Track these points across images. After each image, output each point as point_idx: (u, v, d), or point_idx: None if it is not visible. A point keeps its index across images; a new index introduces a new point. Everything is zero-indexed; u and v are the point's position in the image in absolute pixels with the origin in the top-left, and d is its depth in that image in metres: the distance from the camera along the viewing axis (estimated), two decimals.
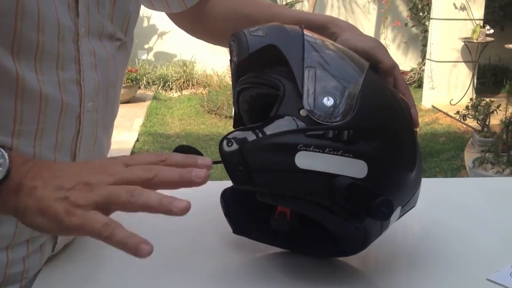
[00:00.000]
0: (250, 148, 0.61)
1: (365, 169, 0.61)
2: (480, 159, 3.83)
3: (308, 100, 0.62)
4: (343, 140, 0.60)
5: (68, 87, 0.65)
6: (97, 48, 0.69)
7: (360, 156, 0.61)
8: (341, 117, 0.61)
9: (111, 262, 0.75)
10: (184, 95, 6.78)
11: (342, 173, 0.61)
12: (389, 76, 0.74)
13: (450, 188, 1.09)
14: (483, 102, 4.44)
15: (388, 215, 0.59)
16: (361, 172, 0.61)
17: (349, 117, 0.62)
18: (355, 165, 0.61)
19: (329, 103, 0.62)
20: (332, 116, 0.61)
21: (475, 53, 6.02)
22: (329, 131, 0.60)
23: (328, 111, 0.61)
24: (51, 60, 0.63)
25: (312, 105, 0.62)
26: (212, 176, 2.86)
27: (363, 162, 0.61)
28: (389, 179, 0.64)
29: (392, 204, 0.59)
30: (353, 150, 0.61)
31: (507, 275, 0.70)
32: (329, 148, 0.60)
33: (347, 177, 0.60)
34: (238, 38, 0.68)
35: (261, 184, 0.61)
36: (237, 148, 0.61)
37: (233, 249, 0.77)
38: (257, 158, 0.61)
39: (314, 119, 0.61)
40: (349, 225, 0.64)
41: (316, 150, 0.60)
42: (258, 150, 0.61)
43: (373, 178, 0.62)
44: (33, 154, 0.63)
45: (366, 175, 0.61)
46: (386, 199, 0.59)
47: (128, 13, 0.74)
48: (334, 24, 0.80)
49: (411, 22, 7.56)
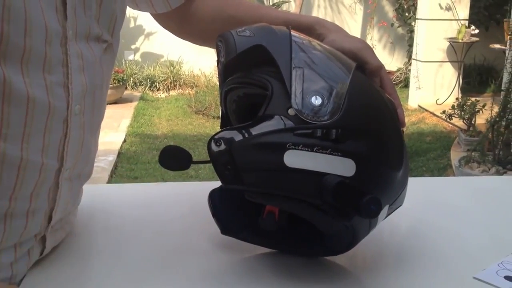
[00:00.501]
0: (238, 148, 0.61)
1: (353, 167, 0.62)
2: (466, 158, 3.87)
3: (296, 99, 0.62)
4: (331, 139, 0.61)
5: (55, 90, 0.64)
6: (84, 50, 0.68)
7: (348, 154, 0.62)
8: (329, 116, 0.62)
9: (98, 265, 0.75)
10: (171, 96, 6.76)
11: (330, 172, 0.61)
12: (375, 77, 0.74)
13: (437, 187, 1.09)
14: (469, 102, 4.49)
15: (376, 213, 0.60)
16: (349, 170, 0.62)
17: (337, 116, 0.62)
18: (343, 163, 0.61)
19: (317, 102, 0.62)
20: (320, 115, 0.62)
21: (461, 53, 6.07)
22: (317, 130, 0.61)
23: (316, 110, 0.62)
24: (38, 63, 0.62)
25: (300, 105, 0.62)
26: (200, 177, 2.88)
27: (351, 161, 0.62)
28: (377, 177, 0.65)
29: (380, 202, 0.60)
30: (341, 149, 0.61)
31: (493, 273, 0.71)
32: (317, 147, 0.60)
33: (336, 176, 0.61)
34: (225, 38, 0.68)
35: (250, 183, 0.61)
36: (225, 147, 0.61)
37: (221, 249, 0.77)
38: (245, 157, 0.61)
39: (302, 118, 0.61)
40: (338, 223, 0.65)
41: (305, 149, 0.60)
42: (247, 149, 0.61)
43: (361, 176, 0.62)
44: (20, 157, 0.63)
45: (354, 173, 0.62)
46: (374, 197, 0.59)
47: (115, 14, 0.74)
48: (320, 25, 0.80)
49: (397, 22, 7.60)
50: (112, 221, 0.87)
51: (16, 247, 0.68)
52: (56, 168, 0.68)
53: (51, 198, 0.69)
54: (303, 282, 0.70)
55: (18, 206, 0.65)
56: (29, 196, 0.66)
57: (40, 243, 0.72)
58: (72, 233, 0.81)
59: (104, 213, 0.90)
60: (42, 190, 0.67)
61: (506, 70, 3.88)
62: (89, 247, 0.80)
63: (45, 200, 0.68)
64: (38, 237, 0.71)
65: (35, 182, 0.65)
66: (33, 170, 0.65)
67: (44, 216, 0.70)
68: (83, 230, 0.83)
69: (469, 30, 6.03)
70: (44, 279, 0.70)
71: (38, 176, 0.65)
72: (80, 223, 0.84)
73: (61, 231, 0.77)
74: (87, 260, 0.76)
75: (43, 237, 0.72)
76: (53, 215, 0.70)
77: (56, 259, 0.74)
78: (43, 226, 0.70)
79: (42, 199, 0.68)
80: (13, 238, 0.67)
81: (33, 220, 0.68)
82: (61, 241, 0.78)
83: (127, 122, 5.52)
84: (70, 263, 0.74)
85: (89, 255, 0.78)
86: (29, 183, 0.65)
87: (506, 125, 3.73)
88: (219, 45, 0.70)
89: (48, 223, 0.71)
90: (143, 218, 0.88)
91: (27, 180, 0.64)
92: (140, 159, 4.50)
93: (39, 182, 0.66)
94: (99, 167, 4.04)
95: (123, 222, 0.87)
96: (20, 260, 0.69)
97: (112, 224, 0.86)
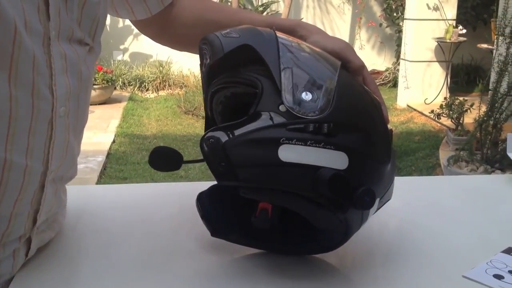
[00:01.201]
0: (232, 144, 0.61)
1: (346, 160, 0.63)
2: (455, 157, 3.89)
3: (287, 95, 0.63)
4: (323, 133, 0.61)
5: (41, 91, 0.64)
6: (68, 51, 0.68)
7: (341, 148, 0.62)
8: (319, 111, 0.63)
9: (87, 267, 0.74)
10: (160, 96, 6.74)
11: (325, 165, 0.61)
12: (358, 75, 0.76)
13: (426, 186, 1.10)
14: (457, 101, 4.51)
15: (370, 204, 0.61)
16: (342, 163, 0.62)
17: (328, 111, 0.63)
18: (336, 156, 0.62)
19: (307, 97, 0.63)
20: (311, 110, 0.62)
21: (448, 52, 6.11)
22: (309, 125, 0.61)
23: (307, 106, 0.63)
24: (27, 63, 0.61)
25: (291, 101, 0.63)
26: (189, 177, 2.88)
27: (344, 154, 0.63)
28: (368, 170, 0.66)
29: (374, 193, 0.61)
30: (334, 142, 0.62)
31: (482, 272, 0.71)
32: (310, 141, 0.61)
33: (331, 168, 0.61)
34: (210, 40, 0.68)
35: (245, 179, 0.62)
36: (219, 144, 0.61)
37: (211, 250, 0.77)
38: (239, 153, 0.61)
39: (294, 113, 0.62)
40: (333, 217, 0.65)
41: (298, 143, 0.61)
42: (241, 145, 0.61)
43: (354, 169, 0.63)
44: (4, 158, 0.62)
45: (347, 166, 0.63)
46: (368, 188, 0.61)
47: (97, 18, 0.73)
48: (302, 27, 0.82)
49: (386, 22, 7.64)
50: (101, 222, 0.87)
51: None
52: (41, 171, 0.67)
53: (36, 200, 0.69)
54: (294, 282, 0.70)
55: (2, 208, 0.64)
56: (13, 199, 0.65)
57: (25, 245, 0.71)
58: (61, 234, 0.80)
59: (93, 214, 0.89)
60: (27, 193, 0.66)
61: (493, 69, 3.91)
62: (78, 248, 0.80)
63: (28, 203, 0.68)
64: (23, 239, 0.70)
65: (20, 185, 0.65)
66: (18, 172, 0.64)
67: (28, 218, 0.69)
68: (71, 232, 0.82)
69: (456, 30, 6.07)
70: (32, 281, 0.69)
71: (22, 178, 0.65)
72: (69, 224, 0.83)
73: (48, 231, 0.76)
74: (76, 261, 0.76)
75: (28, 239, 0.71)
76: (38, 217, 0.70)
77: (44, 260, 0.74)
78: (27, 228, 0.69)
79: (26, 201, 0.67)
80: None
81: (16, 222, 0.67)
82: (49, 243, 0.77)
83: (116, 122, 5.49)
84: (58, 264, 0.73)
85: (78, 256, 0.77)
86: (14, 186, 0.64)
87: (494, 124, 3.76)
88: (203, 47, 0.70)
89: (33, 225, 0.70)
90: (133, 219, 0.88)
91: (11, 183, 0.64)
92: (129, 160, 4.48)
93: (24, 184, 0.65)
94: (88, 168, 4.02)
95: (112, 223, 0.87)
96: (4, 260, 0.68)
97: (101, 225, 0.86)
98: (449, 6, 6.18)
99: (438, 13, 6.17)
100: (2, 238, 0.67)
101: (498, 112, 3.73)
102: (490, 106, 3.77)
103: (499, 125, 3.77)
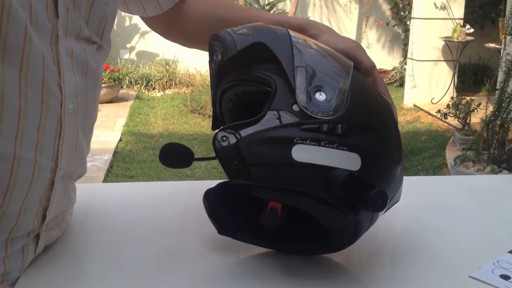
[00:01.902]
0: (245, 142, 0.61)
1: (359, 161, 0.62)
2: (462, 157, 3.88)
3: (301, 95, 0.62)
4: (337, 134, 0.61)
5: (51, 88, 0.64)
6: (75, 49, 0.68)
7: (354, 149, 0.62)
8: (333, 112, 0.62)
9: (94, 265, 0.75)
10: (167, 95, 6.75)
11: (338, 166, 0.61)
12: (368, 76, 0.76)
13: (432, 186, 1.10)
14: (464, 101, 4.49)
15: (383, 206, 0.60)
16: (355, 164, 0.62)
17: (342, 112, 0.63)
18: (349, 157, 0.62)
19: (321, 98, 0.63)
20: (325, 111, 0.62)
21: (456, 52, 6.08)
22: (323, 125, 0.61)
23: (321, 106, 0.62)
24: (37, 60, 0.62)
25: (305, 100, 0.62)
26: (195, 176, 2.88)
27: (356, 155, 0.62)
28: (381, 171, 0.66)
29: (387, 195, 0.60)
30: (347, 143, 0.62)
31: (489, 272, 0.71)
32: (324, 141, 0.61)
33: (344, 170, 0.61)
34: (222, 37, 0.67)
35: (258, 178, 0.61)
36: (232, 142, 0.61)
37: (217, 249, 0.77)
38: (253, 152, 0.61)
39: (308, 113, 0.62)
40: (344, 218, 0.65)
41: (312, 143, 0.61)
42: (254, 144, 0.61)
43: (367, 170, 0.63)
44: (13, 153, 0.62)
45: (360, 167, 0.62)
46: (381, 190, 0.60)
47: (105, 17, 0.73)
48: (312, 26, 0.81)
49: (393, 21, 7.61)
50: (107, 220, 0.87)
51: (7, 242, 0.68)
52: (50, 168, 0.67)
53: (45, 197, 0.69)
54: (301, 281, 0.70)
55: (11, 204, 0.65)
56: (23, 194, 0.65)
57: (34, 241, 0.71)
58: (68, 232, 0.81)
59: (99, 213, 0.90)
60: (37, 189, 0.67)
61: (501, 69, 3.89)
62: (85, 246, 0.80)
63: (38, 199, 0.68)
64: (31, 235, 0.70)
65: (30, 180, 0.65)
66: (27, 167, 0.64)
67: (37, 214, 0.69)
68: (78, 230, 0.83)
69: (464, 29, 6.04)
70: (39, 279, 0.69)
71: (32, 174, 0.65)
72: (76, 222, 0.84)
73: (56, 229, 0.77)
74: (83, 260, 0.76)
75: (37, 235, 0.71)
76: (47, 214, 0.70)
77: (51, 258, 0.74)
78: (36, 224, 0.70)
79: (35, 198, 0.68)
80: (3, 234, 0.67)
81: (24, 218, 0.68)
82: (57, 241, 0.78)
83: (122, 121, 5.51)
84: (65, 262, 0.74)
85: (85, 255, 0.77)
86: (23, 181, 0.65)
87: (501, 124, 3.75)
88: (215, 44, 0.69)
89: (42, 222, 0.71)
90: (139, 218, 0.88)
91: (21, 178, 0.64)
92: (135, 158, 4.49)
93: (33, 180, 0.65)
94: (94, 166, 4.04)
95: (118, 222, 0.87)
96: (12, 255, 0.69)
97: (108, 223, 0.86)
98: (457, 5, 6.15)
99: (445, 12, 6.14)
100: (10, 233, 0.67)
101: (505, 112, 3.71)
102: (497, 106, 3.75)
103: (506, 125, 3.75)
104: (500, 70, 3.95)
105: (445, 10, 6.14)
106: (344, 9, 7.66)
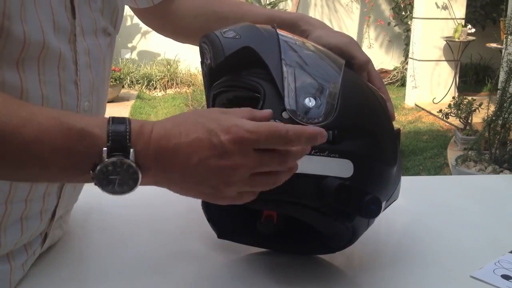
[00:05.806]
0: None
1: (351, 168, 0.61)
2: (463, 157, 3.87)
3: (290, 101, 0.61)
4: (328, 141, 0.59)
5: (67, 87, 0.64)
6: (91, 46, 0.68)
7: (345, 155, 0.61)
8: (323, 117, 0.61)
9: (95, 265, 0.75)
10: (168, 94, 6.75)
11: (329, 174, 0.60)
12: (363, 71, 0.74)
13: (434, 186, 1.10)
14: (465, 101, 4.48)
15: (377, 212, 0.60)
16: (347, 171, 0.61)
17: (332, 117, 0.61)
18: (341, 164, 0.61)
19: (311, 104, 0.62)
20: (315, 117, 0.61)
21: (457, 52, 6.07)
22: None
23: (311, 112, 0.61)
24: (54, 61, 0.62)
25: (294, 107, 0.61)
26: None
27: (349, 161, 0.61)
28: (374, 175, 0.65)
29: (380, 201, 0.60)
30: (338, 150, 0.61)
31: (490, 272, 0.71)
32: (314, 150, 0.60)
33: (336, 178, 0.60)
34: (210, 40, 0.66)
35: None
36: None
37: (217, 249, 0.77)
38: None
39: (297, 120, 0.60)
40: (340, 225, 0.64)
41: None
42: None
43: (360, 176, 0.62)
44: None
45: (352, 174, 0.61)
46: (374, 196, 0.59)
47: (117, 6, 0.74)
48: (304, 21, 0.80)
49: (394, 21, 7.60)
50: (108, 220, 0.87)
51: (26, 247, 0.68)
52: None
53: (57, 195, 0.70)
54: (300, 282, 0.70)
55: (33, 207, 0.65)
56: (42, 196, 0.66)
57: (44, 240, 0.72)
58: (69, 232, 0.81)
59: (100, 213, 0.89)
60: (53, 189, 0.68)
61: (502, 69, 3.89)
62: (86, 247, 0.80)
63: (55, 198, 0.69)
64: (42, 235, 0.71)
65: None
66: None
67: (50, 213, 0.70)
68: (79, 230, 0.83)
69: (465, 29, 6.03)
70: (41, 279, 0.69)
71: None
72: (77, 222, 0.84)
73: (59, 229, 0.77)
74: (84, 260, 0.76)
75: (46, 235, 0.72)
76: (56, 212, 0.71)
77: (52, 259, 0.74)
78: (47, 223, 0.70)
79: (52, 197, 0.68)
80: (26, 239, 0.67)
81: (45, 219, 0.68)
82: (58, 241, 0.78)
83: None
84: (66, 263, 0.74)
85: (86, 255, 0.77)
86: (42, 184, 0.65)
87: (503, 124, 3.74)
88: (204, 46, 0.69)
89: (51, 220, 0.71)
90: (140, 218, 0.88)
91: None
92: None
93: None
94: None
95: (120, 222, 0.87)
96: (28, 259, 0.69)
97: (109, 223, 0.86)
98: (458, 5, 6.14)
99: (447, 12, 6.14)
100: (30, 237, 0.68)
101: (507, 112, 3.70)
102: (498, 106, 3.74)
103: (508, 125, 3.74)
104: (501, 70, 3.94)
105: (447, 10, 6.13)
106: (346, 9, 7.65)
